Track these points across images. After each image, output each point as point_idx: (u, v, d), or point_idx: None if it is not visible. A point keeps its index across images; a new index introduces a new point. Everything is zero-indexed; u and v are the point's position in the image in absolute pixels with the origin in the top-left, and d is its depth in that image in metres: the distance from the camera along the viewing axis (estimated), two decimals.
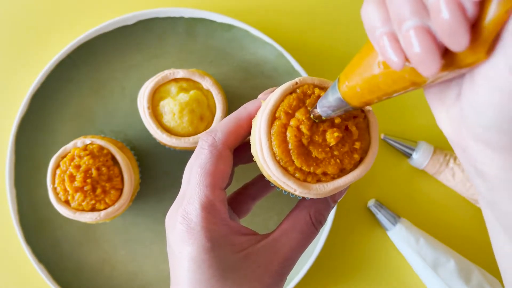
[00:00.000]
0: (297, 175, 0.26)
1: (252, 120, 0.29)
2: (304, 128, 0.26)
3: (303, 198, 0.30)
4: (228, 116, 0.30)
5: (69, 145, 0.41)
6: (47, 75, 0.45)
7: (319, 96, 0.27)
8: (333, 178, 0.27)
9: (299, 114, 0.26)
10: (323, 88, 0.27)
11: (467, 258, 0.46)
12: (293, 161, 0.26)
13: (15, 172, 0.45)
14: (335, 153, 0.26)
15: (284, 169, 0.26)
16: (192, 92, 0.41)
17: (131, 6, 0.48)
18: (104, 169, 0.40)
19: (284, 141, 0.26)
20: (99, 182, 0.40)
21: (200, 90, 0.41)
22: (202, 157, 0.28)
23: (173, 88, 0.41)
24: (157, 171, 0.47)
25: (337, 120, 0.26)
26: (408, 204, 0.48)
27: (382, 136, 0.48)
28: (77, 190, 0.39)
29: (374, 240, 0.48)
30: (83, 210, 0.40)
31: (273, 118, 0.26)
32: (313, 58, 0.49)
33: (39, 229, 0.46)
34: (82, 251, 0.46)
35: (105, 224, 0.46)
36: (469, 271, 0.44)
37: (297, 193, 0.27)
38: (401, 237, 0.46)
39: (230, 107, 0.47)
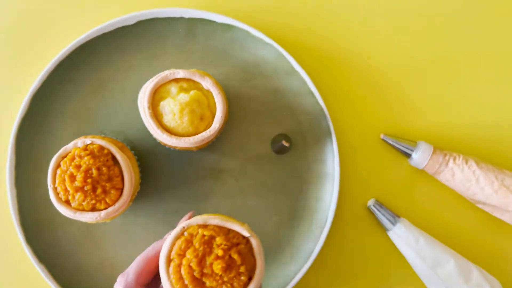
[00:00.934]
0: None
1: None
2: (194, 265, 0.31)
3: None
4: (138, 257, 0.35)
5: (70, 145, 0.41)
6: (47, 75, 0.45)
7: (203, 235, 0.32)
8: None
9: (189, 254, 0.32)
10: (207, 226, 0.33)
11: (467, 258, 0.46)
12: None
13: (15, 172, 0.45)
14: (225, 279, 0.32)
15: None
16: (192, 92, 0.41)
17: (131, 6, 0.48)
18: (104, 169, 0.40)
19: (180, 278, 0.32)
20: (100, 182, 0.40)
21: (200, 90, 0.42)
22: None
23: (173, 88, 0.41)
24: (157, 171, 0.47)
25: (220, 253, 0.32)
26: (408, 204, 0.48)
27: (381, 136, 0.48)
28: (77, 190, 0.39)
29: (374, 239, 0.48)
30: (83, 210, 0.40)
31: (169, 261, 0.33)
32: (313, 58, 0.49)
33: (40, 229, 0.46)
34: (82, 251, 0.46)
35: (105, 224, 0.46)
36: (468, 271, 0.44)
37: None
38: (401, 237, 0.46)
39: (230, 107, 0.47)
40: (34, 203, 0.46)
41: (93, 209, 0.40)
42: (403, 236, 0.46)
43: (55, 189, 0.40)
